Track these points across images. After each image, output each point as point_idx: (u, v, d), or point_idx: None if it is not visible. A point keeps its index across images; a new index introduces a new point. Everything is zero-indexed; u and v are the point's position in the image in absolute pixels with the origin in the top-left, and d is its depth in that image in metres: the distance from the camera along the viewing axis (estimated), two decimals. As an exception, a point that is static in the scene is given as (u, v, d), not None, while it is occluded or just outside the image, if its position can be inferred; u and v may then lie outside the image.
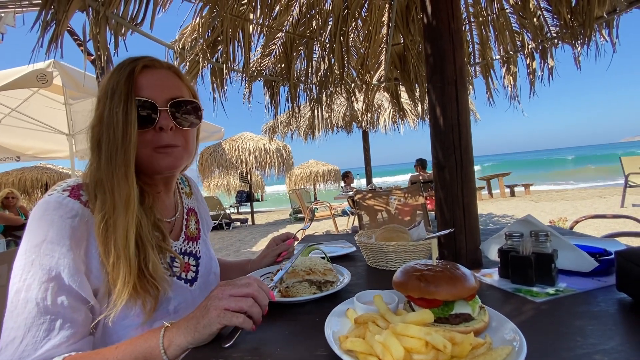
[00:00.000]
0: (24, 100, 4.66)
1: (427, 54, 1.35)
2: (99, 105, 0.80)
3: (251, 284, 0.73)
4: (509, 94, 3.03)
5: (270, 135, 8.88)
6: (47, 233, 0.68)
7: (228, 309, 0.68)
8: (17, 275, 0.67)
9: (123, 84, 0.78)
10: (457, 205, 1.27)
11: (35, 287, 0.66)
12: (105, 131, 0.77)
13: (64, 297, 0.68)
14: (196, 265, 0.98)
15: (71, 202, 0.72)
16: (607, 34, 2.32)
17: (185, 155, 0.88)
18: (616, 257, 0.83)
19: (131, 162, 0.76)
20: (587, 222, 5.65)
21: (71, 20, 1.59)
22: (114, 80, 0.79)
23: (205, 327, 0.67)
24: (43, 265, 0.67)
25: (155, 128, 0.81)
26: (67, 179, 0.81)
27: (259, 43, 2.63)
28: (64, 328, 0.67)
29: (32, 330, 0.65)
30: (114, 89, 0.78)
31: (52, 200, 0.72)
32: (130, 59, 0.83)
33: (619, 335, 0.66)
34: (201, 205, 1.15)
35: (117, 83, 0.78)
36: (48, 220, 0.69)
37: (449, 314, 0.67)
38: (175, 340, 0.67)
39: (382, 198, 3.62)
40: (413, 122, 7.67)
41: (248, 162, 10.38)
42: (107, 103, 0.78)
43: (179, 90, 0.86)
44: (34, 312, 0.65)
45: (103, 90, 0.80)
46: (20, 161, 6.97)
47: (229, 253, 6.78)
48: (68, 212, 0.71)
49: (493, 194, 12.72)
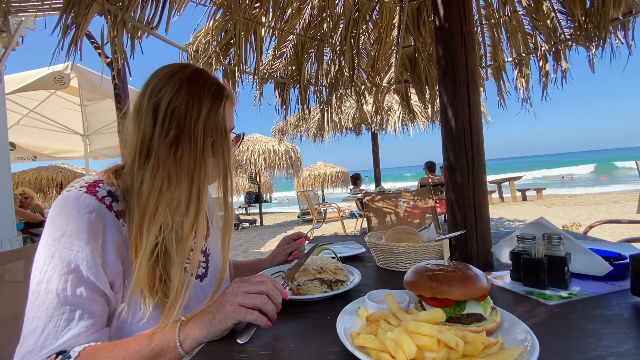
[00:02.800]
0: (42, 101, 4.79)
1: (439, 56, 1.35)
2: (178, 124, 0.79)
3: (265, 282, 0.75)
4: (520, 96, 3.00)
5: (280, 136, 8.92)
6: (67, 227, 0.71)
7: (243, 305, 0.70)
8: (37, 268, 0.70)
9: (222, 120, 0.83)
10: (468, 207, 1.26)
11: (56, 279, 0.68)
12: (187, 152, 0.79)
13: (82, 288, 0.70)
14: (206, 261, 1.00)
15: (88, 197, 0.75)
16: (622, 36, 2.29)
17: None
18: (631, 261, 0.82)
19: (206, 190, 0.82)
20: (601, 228, 5.53)
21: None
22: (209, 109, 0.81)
23: (220, 322, 0.69)
24: (63, 258, 0.69)
25: None
26: (84, 177, 0.83)
27: (271, 46, 2.66)
28: (82, 318, 0.69)
29: (53, 320, 0.67)
30: (216, 122, 0.82)
31: (71, 196, 0.74)
32: (221, 88, 0.86)
33: (633, 338, 0.65)
34: (210, 204, 1.17)
35: (217, 116, 0.82)
36: (67, 215, 0.72)
37: (461, 313, 0.67)
38: (191, 333, 0.69)
39: (391, 200, 3.61)
40: (423, 125, 7.61)
41: (257, 163, 10.45)
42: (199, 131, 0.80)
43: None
44: (54, 303, 0.67)
45: (187, 109, 0.80)
46: (37, 161, 7.14)
47: (237, 253, 6.83)
48: (85, 207, 0.73)
49: (504, 198, 12.53)
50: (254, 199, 14.12)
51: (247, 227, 11.38)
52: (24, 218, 4.81)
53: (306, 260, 1.02)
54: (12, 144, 5.32)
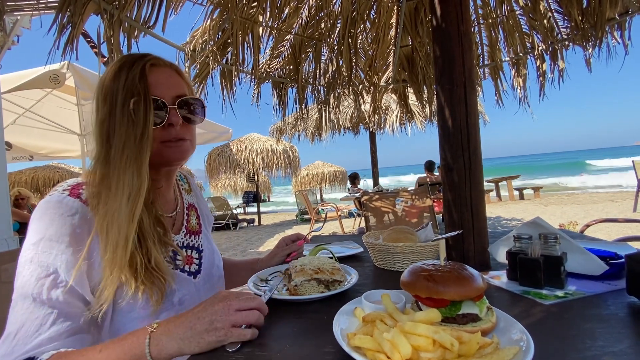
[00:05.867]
0: (38, 100, 4.76)
1: (436, 56, 1.35)
2: (108, 101, 0.80)
3: (254, 298, 0.75)
4: (518, 96, 3.01)
5: (278, 136, 8.91)
6: (46, 231, 0.70)
7: (236, 325, 0.69)
8: (18, 274, 0.69)
9: (138, 83, 0.79)
10: (465, 207, 1.27)
11: (32, 284, 0.67)
12: (118, 127, 0.77)
13: (59, 292, 0.68)
14: (199, 258, 1.00)
15: (71, 200, 0.74)
16: (619, 36, 2.30)
17: (191, 148, 0.92)
18: (626, 261, 0.82)
19: (146, 157, 0.78)
20: (598, 227, 5.56)
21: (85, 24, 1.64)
22: (126, 78, 0.79)
23: (209, 344, 0.67)
24: (41, 262, 0.68)
25: (165, 125, 0.84)
26: (68, 180, 0.82)
27: (268, 45, 2.66)
28: (56, 323, 0.67)
29: (26, 325, 0.65)
30: (130, 87, 0.79)
31: (53, 200, 0.74)
32: (136, 56, 0.84)
33: (629, 338, 0.65)
34: (201, 202, 1.17)
35: (132, 81, 0.79)
36: (48, 219, 0.71)
37: (456, 314, 0.67)
38: (167, 348, 0.66)
39: (389, 200, 3.61)
40: (421, 124, 7.63)
41: (255, 162, 10.44)
42: (119, 100, 0.78)
43: (182, 88, 0.90)
44: (30, 308, 0.66)
45: (112, 87, 0.80)
46: (33, 160, 7.11)
47: (235, 253, 6.82)
48: (68, 210, 0.73)
49: (502, 197, 12.57)
50: (252, 199, 14.11)
51: (246, 227, 11.37)
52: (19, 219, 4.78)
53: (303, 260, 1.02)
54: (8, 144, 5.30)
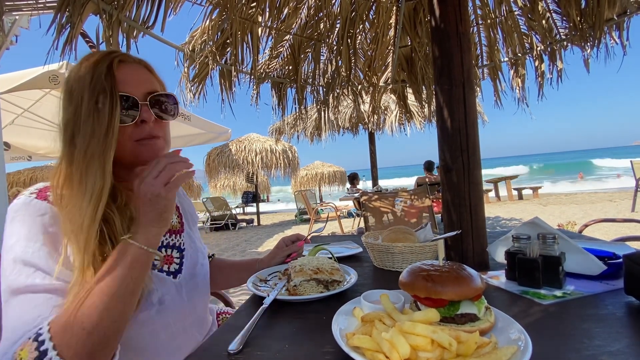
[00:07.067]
0: (36, 101, 4.75)
1: (435, 57, 1.36)
2: (74, 100, 0.78)
3: (159, 160, 0.75)
4: (517, 96, 3.01)
5: (277, 136, 8.92)
6: (20, 232, 0.70)
7: (166, 183, 0.73)
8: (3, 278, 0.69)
9: (104, 79, 0.77)
10: (464, 208, 1.27)
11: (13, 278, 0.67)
12: (82, 126, 0.76)
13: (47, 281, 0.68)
14: (180, 257, 0.97)
15: (38, 202, 0.74)
16: (617, 36, 2.30)
17: (165, 146, 0.90)
18: (624, 261, 0.83)
19: (110, 156, 0.76)
20: (596, 226, 5.57)
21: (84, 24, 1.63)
22: (92, 75, 0.78)
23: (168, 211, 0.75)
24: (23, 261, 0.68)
25: (137, 122, 0.82)
26: (35, 184, 0.81)
27: (267, 45, 2.66)
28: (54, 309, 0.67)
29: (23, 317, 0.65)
30: (95, 84, 0.77)
31: (20, 203, 0.74)
32: (103, 53, 0.83)
33: (626, 337, 0.66)
34: (183, 200, 1.14)
35: (98, 78, 0.77)
36: (19, 221, 0.72)
37: (455, 313, 0.68)
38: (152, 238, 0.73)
39: (388, 200, 3.62)
40: (420, 124, 7.65)
41: (254, 163, 10.44)
42: (85, 97, 0.77)
43: (153, 84, 0.88)
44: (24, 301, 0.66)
45: (78, 85, 0.79)
46: (32, 160, 7.09)
47: (235, 253, 6.82)
48: (36, 211, 0.72)
49: (500, 197, 12.59)
50: (251, 199, 14.10)
51: (245, 227, 11.37)
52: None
53: (303, 261, 1.03)
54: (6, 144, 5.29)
